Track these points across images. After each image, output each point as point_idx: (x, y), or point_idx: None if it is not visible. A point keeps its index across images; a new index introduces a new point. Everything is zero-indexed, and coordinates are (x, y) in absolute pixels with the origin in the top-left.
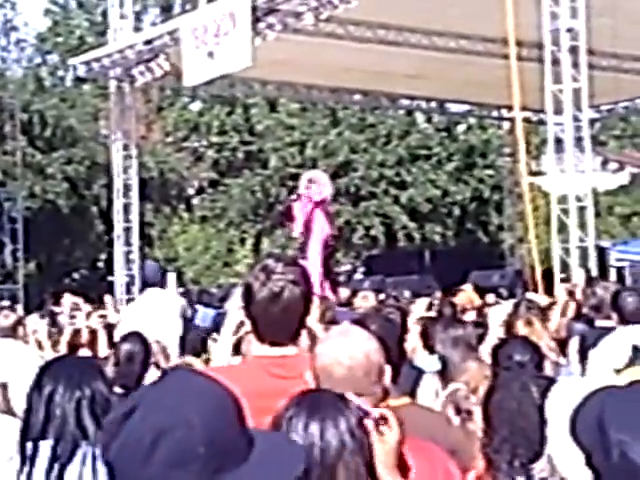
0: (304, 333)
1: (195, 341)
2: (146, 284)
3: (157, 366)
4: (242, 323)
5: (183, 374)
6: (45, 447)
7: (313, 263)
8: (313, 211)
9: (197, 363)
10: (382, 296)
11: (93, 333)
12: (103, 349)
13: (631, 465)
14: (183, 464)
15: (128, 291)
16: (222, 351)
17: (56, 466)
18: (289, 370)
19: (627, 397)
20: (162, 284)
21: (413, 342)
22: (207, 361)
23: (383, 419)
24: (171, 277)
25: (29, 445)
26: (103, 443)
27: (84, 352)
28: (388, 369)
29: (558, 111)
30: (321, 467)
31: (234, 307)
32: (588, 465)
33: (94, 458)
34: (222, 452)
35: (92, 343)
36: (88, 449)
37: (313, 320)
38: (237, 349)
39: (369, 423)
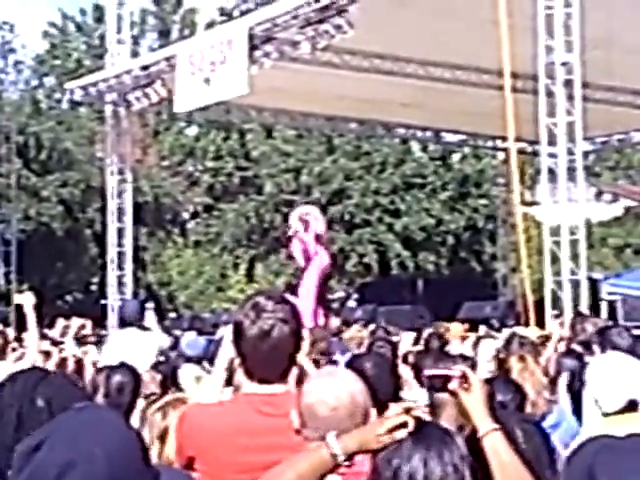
0: (294, 370)
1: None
2: (124, 322)
3: (146, 396)
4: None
5: (92, 409)
6: None
7: (308, 292)
8: (312, 244)
9: (188, 397)
10: (372, 327)
11: (79, 362)
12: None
13: None
14: None
15: None
16: (214, 385)
17: None
18: (277, 408)
19: (620, 449)
20: (141, 320)
21: (405, 375)
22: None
23: (464, 377)
24: (150, 315)
25: None
26: (11, 476)
27: None
28: (373, 412)
29: (552, 142)
30: None
31: (227, 340)
32: None
33: None
34: None
35: (78, 371)
36: None
37: (303, 356)
38: (229, 380)
39: (454, 384)
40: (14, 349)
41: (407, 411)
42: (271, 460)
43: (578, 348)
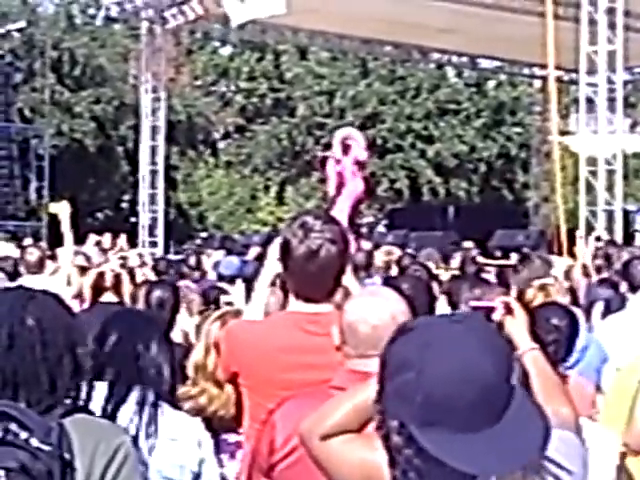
0: (340, 291)
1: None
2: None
3: (200, 312)
4: (279, 275)
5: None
6: (101, 387)
7: (341, 217)
8: (349, 168)
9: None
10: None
11: (117, 277)
12: (127, 293)
13: None
14: None
15: (151, 233)
16: (257, 301)
17: (110, 406)
18: (323, 327)
19: None
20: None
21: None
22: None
23: (507, 307)
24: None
25: (84, 385)
26: None
27: (109, 296)
28: None
29: (591, 71)
30: None
31: (272, 258)
32: None
33: (148, 399)
34: None
35: (116, 287)
36: (146, 391)
37: (349, 278)
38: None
39: (499, 310)
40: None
41: None
42: (314, 378)
43: (614, 277)
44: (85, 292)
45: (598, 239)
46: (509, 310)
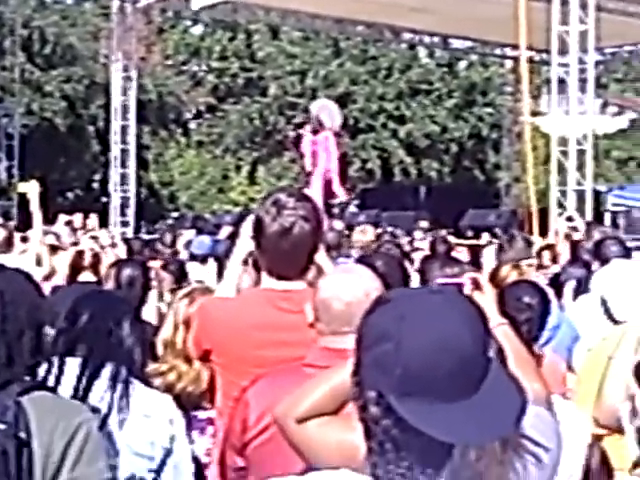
0: (313, 269)
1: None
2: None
3: (172, 290)
4: (252, 253)
5: None
6: (73, 363)
7: (316, 195)
8: (323, 143)
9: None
10: (378, 231)
11: (96, 256)
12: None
13: None
14: None
15: (122, 213)
16: (230, 279)
17: (83, 382)
18: (295, 304)
19: None
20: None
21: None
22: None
23: (475, 282)
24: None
25: (55, 360)
26: None
27: (87, 275)
28: None
29: (563, 52)
30: None
31: (245, 235)
32: None
33: (121, 375)
34: None
35: (94, 266)
36: (119, 368)
37: (322, 255)
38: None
39: (467, 287)
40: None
41: None
42: (287, 355)
43: (585, 256)
44: (58, 271)
45: (569, 219)
46: (477, 286)
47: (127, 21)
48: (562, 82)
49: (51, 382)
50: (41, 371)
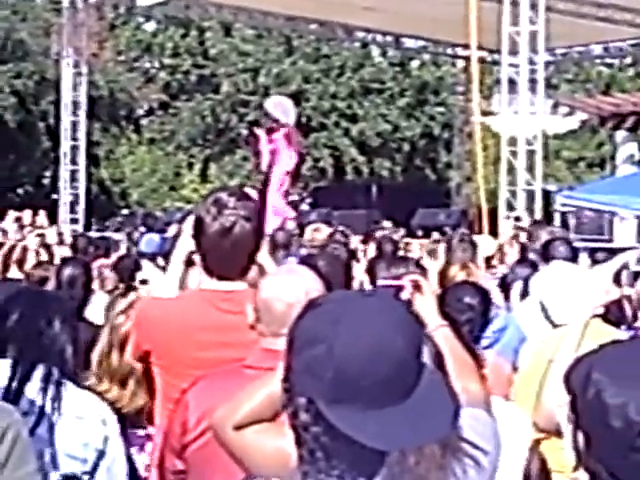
0: (254, 269)
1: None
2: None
3: (109, 291)
4: (193, 252)
5: None
6: (3, 365)
7: (275, 193)
8: (283, 139)
9: (143, 291)
10: (329, 230)
11: (24, 252)
12: (29, 268)
13: (602, 404)
14: None
15: (72, 210)
16: (171, 279)
17: (14, 384)
18: (236, 305)
19: (623, 350)
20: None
21: (360, 279)
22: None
23: (416, 285)
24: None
25: None
26: None
27: (13, 271)
28: None
29: (513, 52)
30: None
31: (187, 234)
32: (572, 408)
33: (53, 377)
34: None
35: (21, 262)
36: (50, 369)
37: (264, 255)
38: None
39: (407, 289)
40: None
41: None
42: (227, 356)
43: (533, 256)
44: None
45: (517, 219)
46: (417, 288)
47: (78, 17)
48: (513, 82)
49: None
50: None
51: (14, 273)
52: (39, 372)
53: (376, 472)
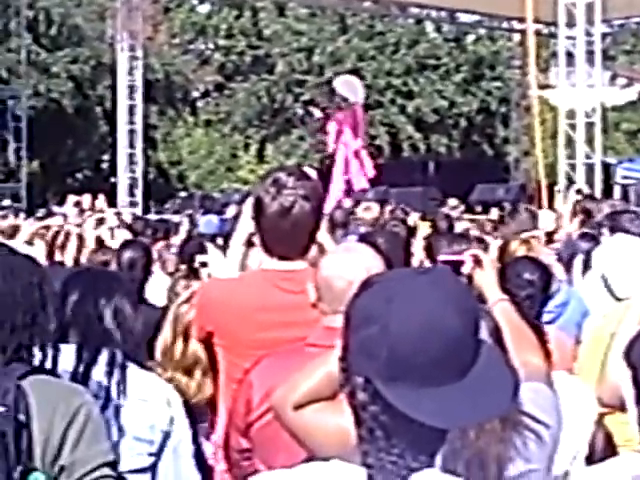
0: (314, 248)
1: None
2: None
3: (170, 273)
4: (254, 233)
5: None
6: (68, 350)
7: (339, 174)
8: (349, 119)
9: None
10: (389, 207)
11: (67, 237)
12: (70, 255)
13: None
14: None
15: (131, 193)
16: (231, 259)
17: (81, 368)
18: (297, 284)
19: None
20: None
21: (419, 256)
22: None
23: (476, 259)
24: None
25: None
26: None
27: (57, 256)
28: None
29: (570, 24)
30: None
31: (246, 216)
32: (634, 383)
33: (117, 360)
34: None
35: (63, 248)
36: (115, 352)
37: (324, 234)
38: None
39: (468, 264)
40: None
41: None
42: (289, 336)
43: (593, 230)
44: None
45: (579, 192)
46: (478, 263)
47: (133, 0)
48: (570, 55)
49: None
50: (37, 355)
51: (68, 260)
52: (104, 356)
53: (437, 450)
